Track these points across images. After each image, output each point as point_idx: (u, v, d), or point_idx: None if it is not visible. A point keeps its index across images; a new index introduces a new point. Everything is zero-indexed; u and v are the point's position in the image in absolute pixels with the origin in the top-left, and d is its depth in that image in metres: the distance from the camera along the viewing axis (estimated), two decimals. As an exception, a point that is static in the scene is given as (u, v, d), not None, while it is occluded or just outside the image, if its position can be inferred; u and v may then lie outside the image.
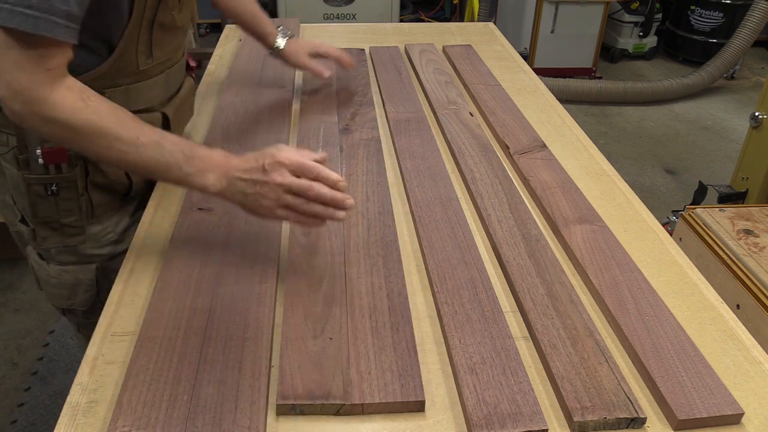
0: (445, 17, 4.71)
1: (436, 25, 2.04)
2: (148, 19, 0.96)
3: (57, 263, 1.08)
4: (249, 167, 0.82)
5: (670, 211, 2.30)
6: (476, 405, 0.71)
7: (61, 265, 1.08)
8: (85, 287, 1.09)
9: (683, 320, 0.84)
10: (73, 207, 1.02)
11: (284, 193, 0.81)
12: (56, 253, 1.07)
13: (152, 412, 0.69)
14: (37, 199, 0.99)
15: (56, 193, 0.99)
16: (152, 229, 1.01)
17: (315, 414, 0.72)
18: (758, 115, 2.21)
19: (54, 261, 1.08)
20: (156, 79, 1.05)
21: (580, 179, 1.16)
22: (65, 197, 1.00)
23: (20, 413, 1.87)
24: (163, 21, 0.99)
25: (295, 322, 0.81)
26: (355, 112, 1.38)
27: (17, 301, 2.29)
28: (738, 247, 1.49)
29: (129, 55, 0.97)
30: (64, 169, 0.98)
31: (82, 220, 1.04)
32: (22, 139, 0.95)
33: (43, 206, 1.00)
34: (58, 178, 0.98)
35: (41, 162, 0.96)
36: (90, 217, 1.05)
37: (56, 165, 0.97)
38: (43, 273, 1.10)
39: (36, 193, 0.99)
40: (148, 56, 1.00)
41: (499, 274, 0.94)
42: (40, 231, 1.03)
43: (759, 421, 0.72)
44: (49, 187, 0.98)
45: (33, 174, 0.97)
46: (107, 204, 1.07)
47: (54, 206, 1.01)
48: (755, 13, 3.61)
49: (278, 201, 0.81)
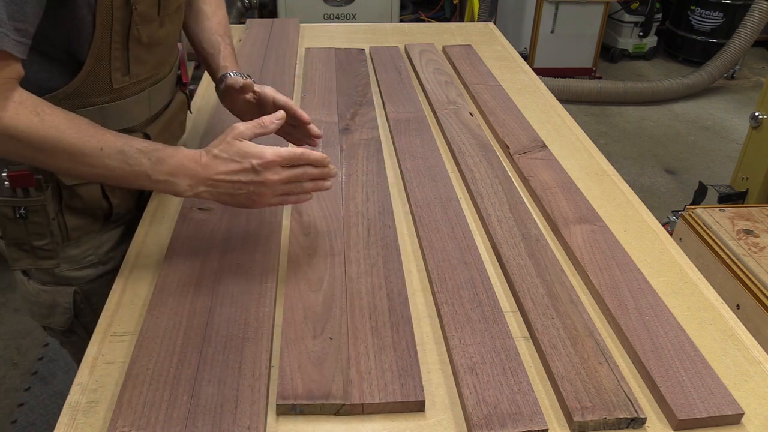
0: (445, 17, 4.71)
1: (436, 25, 2.04)
2: (119, 33, 0.88)
3: (37, 281, 1.03)
4: (234, 170, 0.82)
5: (670, 211, 2.31)
6: (476, 405, 0.71)
7: (40, 284, 1.03)
8: (62, 309, 1.04)
9: (683, 320, 0.84)
10: (44, 231, 0.94)
11: (280, 185, 0.84)
12: (35, 272, 1.02)
13: (152, 412, 0.69)
14: (5, 221, 0.93)
15: (25, 217, 0.92)
16: (152, 230, 1.01)
17: (315, 414, 0.72)
18: (758, 115, 2.21)
19: (35, 279, 1.03)
20: (137, 97, 0.97)
21: (580, 179, 1.16)
22: (35, 221, 0.93)
23: (20, 413, 1.87)
24: (140, 36, 0.91)
25: (295, 322, 0.81)
26: (355, 112, 1.38)
27: (17, 301, 2.28)
28: (738, 247, 1.49)
29: (101, 72, 0.89)
30: (32, 193, 0.91)
31: (55, 244, 0.97)
32: None
33: (11, 228, 0.94)
34: (26, 202, 0.91)
35: (6, 185, 0.89)
36: (65, 240, 0.99)
37: (24, 189, 0.90)
38: (23, 289, 1.05)
39: (3, 215, 0.92)
40: (125, 74, 0.92)
41: (499, 274, 0.94)
42: (12, 252, 0.96)
43: (759, 421, 0.72)
44: (17, 210, 0.92)
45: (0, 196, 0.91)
46: (85, 227, 1.00)
47: (24, 229, 0.94)
48: (755, 13, 3.62)
49: (275, 193, 0.84)
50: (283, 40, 1.74)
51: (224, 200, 0.84)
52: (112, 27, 0.87)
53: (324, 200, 1.06)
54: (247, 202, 0.84)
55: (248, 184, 0.82)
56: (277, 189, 0.83)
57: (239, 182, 0.82)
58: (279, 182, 0.83)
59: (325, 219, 1.02)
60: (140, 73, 0.95)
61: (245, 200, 0.84)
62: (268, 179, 0.82)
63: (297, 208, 1.04)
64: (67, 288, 1.03)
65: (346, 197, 1.07)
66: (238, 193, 0.83)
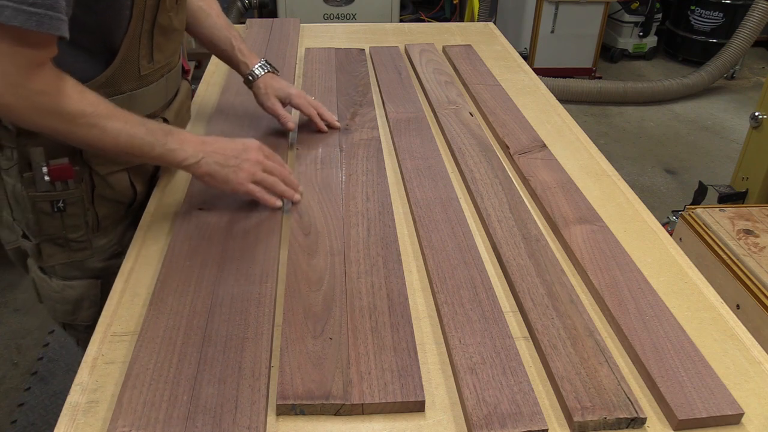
0: (445, 17, 4.71)
1: (436, 25, 2.04)
2: (149, 21, 0.95)
3: (60, 278, 1.06)
4: (227, 146, 0.98)
5: (670, 211, 2.30)
6: (476, 405, 0.71)
7: (65, 280, 1.06)
8: (89, 302, 1.08)
9: (683, 320, 0.84)
10: (80, 222, 1.01)
11: (259, 169, 0.99)
12: (60, 268, 1.05)
13: (152, 412, 0.69)
14: (42, 217, 0.98)
15: (63, 210, 0.98)
16: (152, 229, 1.01)
17: (315, 414, 0.72)
18: (758, 115, 2.21)
19: (57, 276, 1.06)
20: (157, 84, 1.04)
21: (580, 179, 1.16)
22: (72, 213, 0.99)
23: (20, 413, 1.87)
24: (161, 23, 0.98)
25: (295, 322, 0.81)
26: (355, 112, 1.38)
27: (17, 301, 2.28)
28: (738, 247, 1.49)
29: (131, 59, 0.96)
30: (71, 185, 0.97)
31: (88, 234, 1.03)
32: (25, 157, 0.94)
33: (48, 223, 0.99)
34: (65, 194, 0.97)
35: (47, 179, 0.95)
36: (96, 231, 1.04)
37: (63, 181, 0.96)
38: (45, 288, 1.08)
39: (41, 211, 0.97)
40: (150, 60, 0.99)
41: (499, 274, 0.94)
42: (46, 248, 1.02)
43: (759, 421, 0.72)
44: (56, 204, 0.97)
45: (39, 191, 0.96)
46: (112, 216, 1.06)
47: (60, 222, 1.00)
48: (755, 13, 3.61)
49: (253, 175, 0.98)
50: (283, 40, 1.74)
51: (213, 170, 0.96)
52: (144, 15, 0.94)
53: (324, 200, 1.06)
54: (230, 176, 0.97)
55: (236, 158, 0.97)
56: (256, 171, 0.98)
57: (230, 156, 0.97)
58: (259, 164, 0.99)
59: (325, 219, 1.02)
60: (160, 59, 1.03)
61: (229, 173, 0.97)
62: (251, 157, 0.98)
63: (297, 208, 1.04)
64: (94, 281, 1.07)
65: (346, 197, 1.07)
66: (226, 164, 0.96)
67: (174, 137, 0.93)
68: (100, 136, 0.86)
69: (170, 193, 1.10)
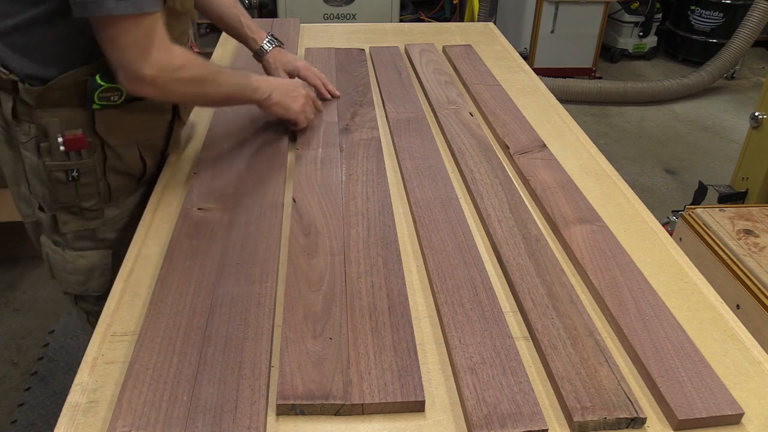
0: (445, 17, 4.70)
1: (436, 25, 2.04)
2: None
3: (72, 249, 1.12)
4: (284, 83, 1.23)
5: (670, 211, 2.30)
6: (476, 405, 0.71)
7: (77, 251, 1.12)
8: (100, 271, 1.13)
9: (683, 320, 0.84)
10: (93, 191, 1.06)
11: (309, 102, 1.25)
12: (73, 239, 1.10)
13: (152, 412, 0.69)
14: (57, 186, 1.03)
15: (77, 179, 1.04)
16: (152, 229, 1.01)
17: (315, 414, 0.72)
18: (758, 115, 2.21)
19: (70, 247, 1.11)
20: None
21: (580, 179, 1.16)
22: (85, 182, 1.05)
23: (20, 413, 1.87)
24: (169, 6, 1.03)
25: (295, 322, 0.81)
26: (355, 112, 1.38)
27: (17, 301, 2.28)
28: (738, 247, 1.49)
29: None
30: (84, 155, 1.02)
31: (101, 203, 1.09)
32: (42, 129, 0.99)
33: (63, 192, 1.04)
34: (79, 164, 1.03)
35: (62, 149, 1.00)
36: (108, 201, 1.10)
37: (77, 152, 1.01)
38: (58, 259, 1.13)
39: (57, 180, 1.03)
40: None
41: (499, 274, 0.94)
42: (61, 216, 1.07)
43: (759, 421, 0.72)
44: (70, 173, 1.03)
45: (55, 161, 1.01)
46: (123, 187, 1.12)
47: (74, 191, 1.05)
48: (755, 13, 3.61)
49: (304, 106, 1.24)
50: (283, 40, 1.74)
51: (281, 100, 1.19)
52: None
53: (324, 200, 1.06)
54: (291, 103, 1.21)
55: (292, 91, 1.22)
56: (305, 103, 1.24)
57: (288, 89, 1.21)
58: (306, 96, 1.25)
59: (325, 219, 1.02)
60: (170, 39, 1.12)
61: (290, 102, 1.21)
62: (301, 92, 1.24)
63: (297, 209, 1.04)
64: (105, 251, 1.13)
65: (346, 197, 1.07)
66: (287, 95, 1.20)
67: (253, 78, 1.14)
68: (218, 90, 1.07)
69: (170, 193, 1.10)
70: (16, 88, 0.98)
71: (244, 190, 1.08)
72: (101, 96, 0.99)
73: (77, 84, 0.98)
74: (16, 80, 0.98)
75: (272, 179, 1.12)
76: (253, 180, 1.11)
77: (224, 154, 1.18)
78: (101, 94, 0.99)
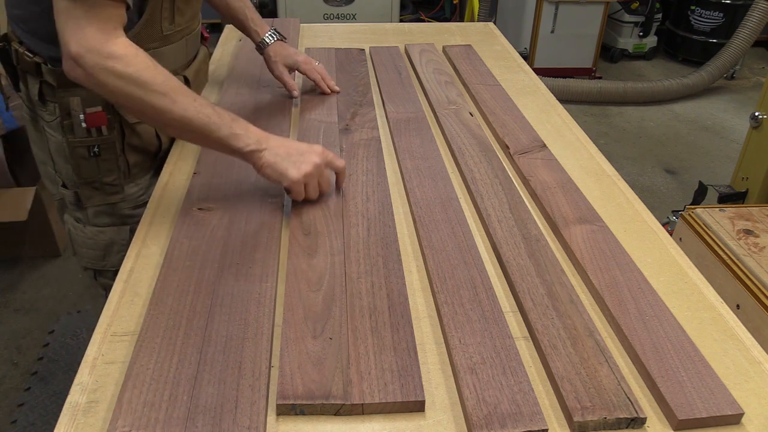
0: (445, 17, 4.71)
1: (436, 25, 2.04)
2: None
3: (93, 225, 1.19)
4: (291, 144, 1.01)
5: (670, 211, 2.31)
6: (476, 405, 0.71)
7: (97, 227, 1.19)
8: (118, 247, 1.20)
9: (683, 320, 0.84)
10: (113, 167, 1.13)
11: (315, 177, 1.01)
12: (93, 215, 1.18)
13: (152, 412, 0.69)
14: (81, 161, 1.10)
15: (98, 155, 1.10)
16: (152, 229, 1.01)
17: (315, 414, 0.72)
18: (758, 115, 2.21)
19: (90, 224, 1.19)
20: (177, 44, 1.16)
21: (580, 179, 1.16)
22: (106, 158, 1.11)
23: (20, 413, 1.87)
24: None
25: (295, 322, 0.81)
26: (355, 112, 1.38)
27: (17, 301, 2.29)
28: (738, 247, 1.49)
29: (155, 20, 1.08)
30: (104, 132, 1.08)
31: (121, 179, 1.15)
32: (65, 106, 1.05)
33: (86, 167, 1.11)
34: (100, 140, 1.09)
35: (84, 126, 1.06)
36: (126, 177, 1.16)
37: (97, 128, 1.08)
38: (79, 236, 1.20)
39: (80, 156, 1.09)
40: (171, 22, 1.12)
41: (499, 274, 0.94)
42: (84, 191, 1.14)
43: (759, 421, 0.72)
44: (92, 149, 1.09)
45: (77, 138, 1.08)
46: (141, 164, 1.18)
47: (96, 167, 1.11)
48: (755, 13, 3.61)
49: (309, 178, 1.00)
50: (283, 40, 1.74)
51: (275, 162, 0.98)
52: None
53: (324, 200, 1.06)
54: (290, 169, 0.98)
55: (298, 155, 1.00)
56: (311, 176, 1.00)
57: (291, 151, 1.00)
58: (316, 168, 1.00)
59: (325, 219, 1.02)
60: (181, 22, 1.15)
61: (289, 166, 0.98)
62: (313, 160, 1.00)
63: (297, 209, 1.04)
64: (123, 227, 1.20)
65: (346, 197, 1.07)
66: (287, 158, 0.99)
67: (240, 123, 0.98)
68: (170, 106, 0.91)
69: (170, 193, 1.10)
70: (40, 70, 1.05)
71: (244, 190, 1.08)
72: None
73: None
74: (40, 62, 1.04)
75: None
76: (253, 180, 1.11)
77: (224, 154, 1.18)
78: None
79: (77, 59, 0.87)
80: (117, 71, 0.88)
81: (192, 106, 0.93)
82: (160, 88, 0.91)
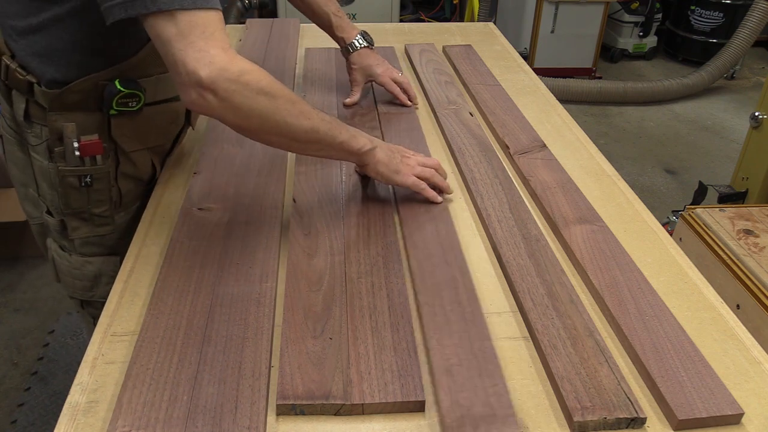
0: (445, 17, 4.70)
1: (436, 25, 2.04)
2: None
3: (79, 255, 1.09)
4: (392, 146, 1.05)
5: (670, 211, 2.30)
6: (450, 407, 0.70)
7: (84, 257, 1.10)
8: (107, 278, 1.11)
9: (683, 320, 0.84)
10: (105, 197, 1.04)
11: (419, 166, 1.05)
12: (80, 244, 1.08)
13: (152, 412, 0.69)
14: (70, 191, 1.01)
15: (89, 185, 1.01)
16: (152, 229, 1.01)
17: (315, 414, 0.72)
18: (758, 115, 2.21)
19: (77, 253, 1.09)
20: None
21: (580, 179, 1.16)
22: (98, 188, 1.03)
23: (20, 413, 1.87)
24: None
25: (295, 322, 0.81)
26: (354, 112, 1.38)
27: (17, 301, 2.29)
28: (738, 247, 1.49)
29: None
30: (99, 161, 1.00)
31: (111, 210, 1.07)
32: (55, 132, 0.97)
33: (75, 197, 1.02)
34: (93, 169, 1.00)
35: (77, 154, 0.98)
36: (118, 207, 1.08)
37: (92, 157, 1.00)
38: (64, 264, 1.11)
39: (69, 185, 1.01)
40: None
41: (499, 274, 0.94)
42: (71, 222, 1.05)
43: (759, 421, 0.72)
44: (83, 178, 1.01)
45: (68, 166, 0.99)
46: (133, 191, 1.10)
47: (86, 197, 1.03)
48: (755, 13, 3.61)
49: (414, 169, 1.04)
50: (283, 40, 1.74)
51: (388, 159, 1.01)
52: None
53: (324, 200, 1.06)
54: (400, 165, 1.03)
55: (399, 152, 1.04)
56: (416, 166, 1.04)
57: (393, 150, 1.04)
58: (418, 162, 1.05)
59: (325, 219, 1.02)
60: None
61: (398, 163, 1.03)
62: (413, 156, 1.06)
63: (297, 209, 1.04)
64: (113, 257, 1.10)
65: (346, 197, 1.07)
66: (393, 158, 1.02)
67: (346, 128, 0.97)
68: (299, 112, 0.87)
69: (170, 193, 1.10)
70: (32, 89, 0.96)
71: (244, 190, 1.08)
72: (119, 102, 0.97)
73: (96, 88, 0.96)
74: (33, 81, 0.96)
75: (272, 179, 1.11)
76: (253, 180, 1.11)
77: (224, 154, 1.18)
78: (120, 100, 0.97)
79: (211, 86, 0.78)
80: (252, 86, 0.82)
81: (314, 113, 0.90)
82: (288, 97, 0.86)
